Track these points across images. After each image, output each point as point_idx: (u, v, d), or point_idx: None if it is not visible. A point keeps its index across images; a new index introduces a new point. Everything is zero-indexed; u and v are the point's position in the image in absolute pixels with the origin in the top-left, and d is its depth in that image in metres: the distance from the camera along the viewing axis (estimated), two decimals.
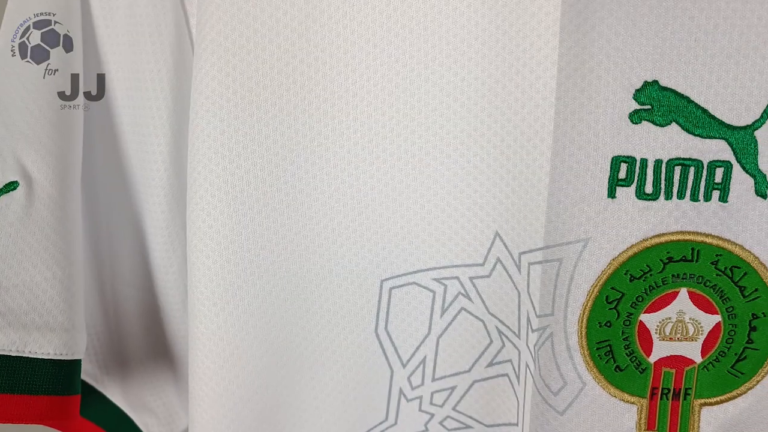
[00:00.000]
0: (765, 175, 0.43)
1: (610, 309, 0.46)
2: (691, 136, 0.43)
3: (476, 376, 0.53)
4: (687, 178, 0.44)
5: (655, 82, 0.42)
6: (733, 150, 0.43)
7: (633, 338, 0.47)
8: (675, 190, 0.44)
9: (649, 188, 0.44)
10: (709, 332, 0.46)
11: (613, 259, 0.45)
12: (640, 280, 0.45)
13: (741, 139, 0.43)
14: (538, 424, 0.49)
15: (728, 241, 0.45)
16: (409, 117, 0.47)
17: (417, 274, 0.51)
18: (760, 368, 0.47)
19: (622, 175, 0.44)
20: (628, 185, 0.44)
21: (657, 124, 0.43)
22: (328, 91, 0.47)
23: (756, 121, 0.42)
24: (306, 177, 0.49)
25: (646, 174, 0.44)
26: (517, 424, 0.53)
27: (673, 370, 0.47)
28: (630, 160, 0.43)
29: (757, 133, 0.43)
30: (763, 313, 0.46)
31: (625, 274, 0.45)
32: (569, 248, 0.45)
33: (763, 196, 0.44)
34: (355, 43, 0.47)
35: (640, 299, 0.46)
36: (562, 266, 0.46)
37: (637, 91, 0.43)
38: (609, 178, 0.44)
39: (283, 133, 0.48)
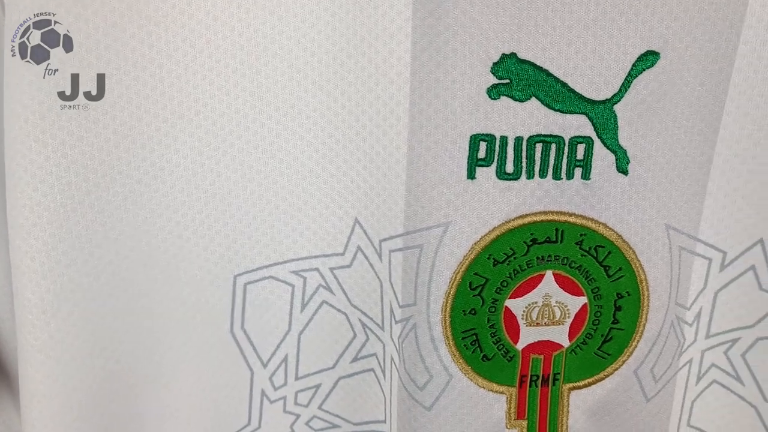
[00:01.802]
0: (626, 151, 0.42)
1: (475, 296, 0.44)
2: (551, 112, 0.41)
3: (341, 373, 0.50)
4: (548, 156, 0.42)
5: (513, 54, 0.40)
6: (593, 125, 0.41)
7: (499, 325, 0.45)
8: (537, 168, 0.42)
9: (510, 167, 0.42)
10: (576, 315, 0.45)
11: (475, 243, 0.43)
12: (504, 264, 0.43)
13: (601, 113, 0.41)
14: (406, 421, 0.46)
15: (592, 219, 0.43)
16: (256, 96, 0.43)
17: (273, 268, 0.47)
18: (625, 348, 0.46)
19: (481, 154, 0.41)
20: (488, 165, 0.42)
21: (516, 99, 0.41)
22: (164, 69, 0.42)
23: (615, 95, 0.41)
24: (144, 165, 0.44)
25: (506, 152, 0.41)
26: (385, 421, 0.50)
27: (541, 356, 0.46)
28: (489, 138, 0.41)
29: (616, 108, 0.41)
30: (627, 292, 0.45)
31: (489, 258, 0.43)
32: (429, 233, 0.43)
33: (625, 173, 0.42)
34: (193, 16, 0.42)
35: (505, 284, 0.44)
36: (423, 253, 0.43)
37: (495, 64, 0.40)
38: (468, 158, 0.41)
39: (115, 117, 0.43)
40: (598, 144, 0.42)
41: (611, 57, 0.40)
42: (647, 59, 0.40)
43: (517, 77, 0.40)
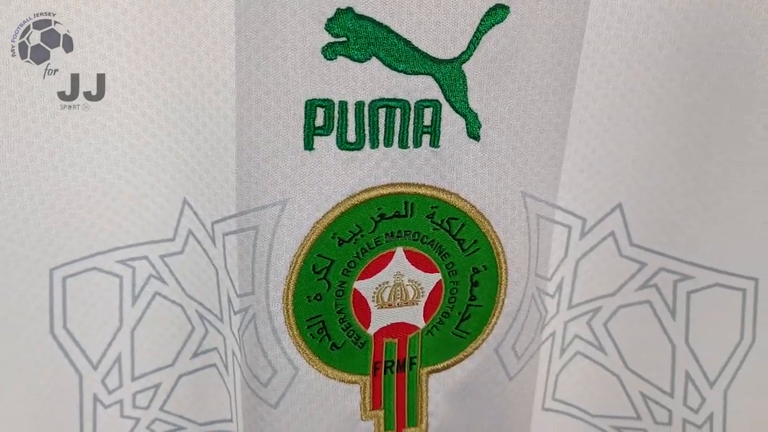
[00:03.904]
0: (476, 115, 0.39)
1: (319, 280, 0.40)
2: (394, 73, 0.37)
3: (182, 370, 0.45)
4: (393, 122, 0.38)
5: (350, 9, 0.36)
6: (440, 87, 0.38)
7: (348, 310, 0.41)
8: (381, 136, 0.38)
9: (351, 136, 0.38)
10: (430, 293, 0.42)
11: (317, 222, 0.39)
12: (351, 243, 0.40)
13: (448, 74, 0.38)
14: (251, 420, 0.42)
15: (443, 190, 0.40)
16: (61, 62, 0.37)
17: (96, 258, 0.42)
18: (484, 326, 0.43)
19: (319, 122, 0.37)
20: (328, 134, 0.37)
21: (355, 60, 0.37)
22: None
23: (463, 53, 0.37)
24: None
25: (346, 119, 0.37)
26: (231, 420, 0.46)
27: (396, 340, 0.43)
28: (327, 104, 0.37)
29: (465, 67, 0.38)
30: (483, 266, 0.42)
31: (333, 237, 0.39)
32: (265, 213, 0.38)
33: (476, 138, 0.39)
34: None
35: (353, 265, 0.40)
36: (258, 235, 0.39)
37: (330, 20, 0.36)
38: (304, 127, 0.37)
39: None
40: (446, 108, 0.38)
41: (458, 11, 0.37)
42: (496, 14, 0.37)
43: (354, 35, 0.36)
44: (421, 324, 0.43)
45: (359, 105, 0.37)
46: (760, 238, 0.42)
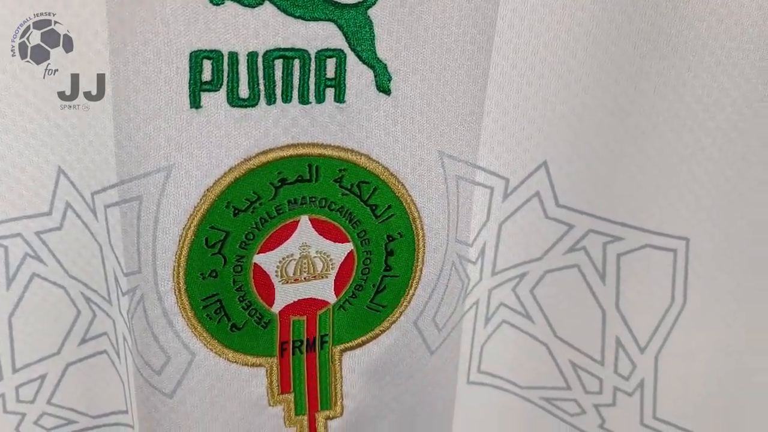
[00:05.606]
0: (386, 65, 0.35)
1: (214, 255, 0.36)
2: (291, 19, 0.33)
3: (69, 358, 0.41)
4: (292, 75, 0.34)
5: None
6: (344, 35, 0.34)
7: (249, 287, 0.37)
8: (279, 91, 0.34)
9: (244, 91, 0.34)
10: (341, 265, 0.39)
11: (207, 190, 0.35)
12: (248, 212, 0.36)
13: (352, 20, 0.34)
14: (146, 411, 0.38)
15: (351, 151, 0.36)
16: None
17: None
18: (401, 297, 0.40)
19: (206, 76, 0.33)
20: (217, 89, 0.33)
21: (245, 5, 0.32)
22: None
23: None
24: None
25: (237, 72, 0.33)
26: (127, 411, 0.42)
27: (304, 317, 0.39)
28: (215, 56, 0.33)
29: (371, 12, 0.34)
30: (399, 233, 0.39)
31: (227, 207, 0.35)
32: (148, 181, 0.34)
33: (386, 92, 0.35)
34: None
35: (251, 237, 0.36)
36: (142, 206, 0.35)
37: None
38: (189, 82, 0.33)
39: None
40: (351, 58, 0.35)
41: None
42: None
43: None
44: (331, 299, 0.39)
45: (252, 56, 0.33)
46: (691, 195, 0.39)
